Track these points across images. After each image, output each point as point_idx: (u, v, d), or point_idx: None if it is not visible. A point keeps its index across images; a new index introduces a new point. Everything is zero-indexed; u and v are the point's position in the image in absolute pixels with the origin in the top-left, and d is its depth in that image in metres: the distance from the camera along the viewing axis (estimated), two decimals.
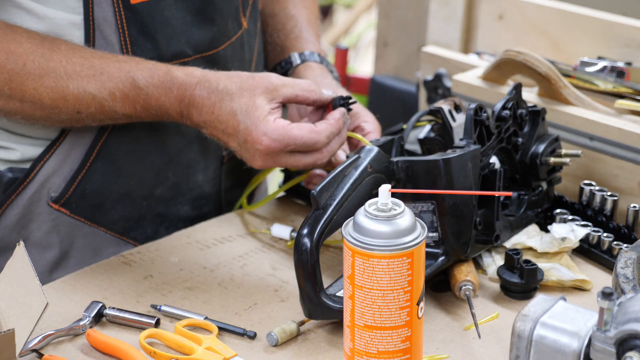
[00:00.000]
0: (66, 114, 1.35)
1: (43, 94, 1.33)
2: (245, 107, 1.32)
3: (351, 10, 4.39)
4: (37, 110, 1.35)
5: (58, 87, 1.33)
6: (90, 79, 1.34)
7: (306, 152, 1.33)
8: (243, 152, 1.34)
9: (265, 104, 1.32)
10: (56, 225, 1.46)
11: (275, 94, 1.33)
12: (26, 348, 1.20)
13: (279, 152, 1.32)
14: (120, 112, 1.35)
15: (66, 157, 1.43)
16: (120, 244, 1.50)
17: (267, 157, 1.32)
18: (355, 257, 1.08)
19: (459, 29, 2.00)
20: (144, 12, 1.38)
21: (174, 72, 1.35)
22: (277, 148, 1.31)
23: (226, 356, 1.19)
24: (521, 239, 1.41)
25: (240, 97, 1.32)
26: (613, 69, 1.57)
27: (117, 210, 1.48)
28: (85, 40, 1.37)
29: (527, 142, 1.44)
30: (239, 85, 1.33)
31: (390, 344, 1.10)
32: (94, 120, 1.37)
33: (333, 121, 1.34)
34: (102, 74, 1.34)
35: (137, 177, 1.48)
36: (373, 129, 1.46)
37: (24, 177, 1.43)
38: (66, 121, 1.37)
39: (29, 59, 1.32)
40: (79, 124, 1.38)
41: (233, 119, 1.32)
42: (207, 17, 1.44)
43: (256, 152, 1.32)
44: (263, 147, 1.31)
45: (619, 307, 1.02)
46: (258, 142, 1.31)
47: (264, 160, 1.33)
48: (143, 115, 1.36)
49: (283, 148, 1.31)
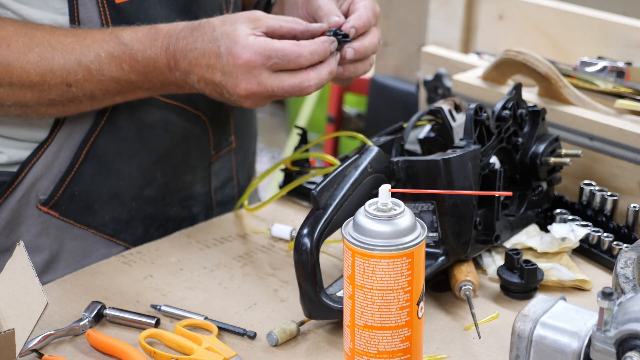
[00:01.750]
0: (56, 90, 1.33)
1: (30, 71, 1.32)
2: (226, 32, 1.28)
3: None
4: (28, 92, 1.33)
5: (44, 59, 1.32)
6: (75, 46, 1.33)
7: (291, 71, 1.28)
8: (227, 79, 1.29)
9: (245, 27, 1.28)
10: (45, 228, 1.45)
11: (258, 23, 1.29)
12: (26, 348, 1.20)
13: (262, 67, 1.26)
14: (108, 75, 1.33)
15: (54, 159, 1.43)
16: (110, 246, 1.49)
17: (250, 75, 1.27)
18: (355, 257, 1.08)
19: (459, 29, 2.00)
20: (129, 12, 1.38)
21: (159, 25, 1.34)
22: (258, 61, 1.26)
23: (226, 356, 1.19)
24: (521, 239, 1.41)
25: (222, 25, 1.29)
26: (613, 69, 1.57)
27: (107, 211, 1.48)
28: None
29: (527, 142, 1.44)
30: (221, 18, 1.31)
31: (390, 344, 1.10)
32: (84, 94, 1.35)
33: (319, 41, 1.29)
34: (86, 38, 1.33)
35: (126, 178, 1.47)
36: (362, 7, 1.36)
37: (11, 180, 1.42)
38: (58, 101, 1.35)
39: (12, 40, 1.32)
40: (72, 105, 1.36)
41: (214, 45, 1.29)
42: (191, 14, 1.44)
43: (238, 71, 1.27)
44: (243, 62, 1.26)
45: (619, 307, 1.02)
46: (238, 57, 1.26)
47: (247, 80, 1.27)
48: (132, 77, 1.34)
49: (265, 61, 1.27)
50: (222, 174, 1.60)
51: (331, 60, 1.31)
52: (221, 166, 1.59)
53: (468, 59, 1.76)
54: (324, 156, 1.49)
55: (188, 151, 1.51)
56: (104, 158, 1.44)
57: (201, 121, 1.52)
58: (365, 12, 1.35)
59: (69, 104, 1.36)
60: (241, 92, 1.29)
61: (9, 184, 1.42)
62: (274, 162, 4.16)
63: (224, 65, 1.28)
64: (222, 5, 1.50)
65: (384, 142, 1.40)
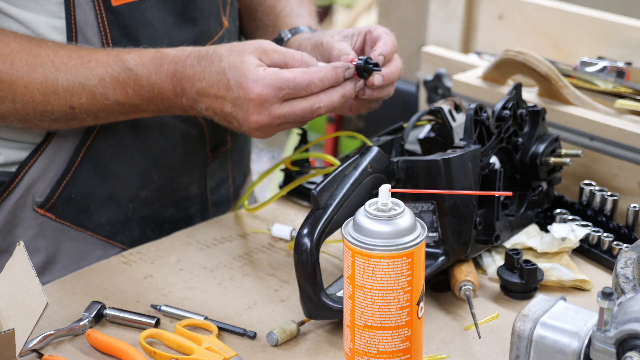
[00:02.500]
0: (59, 110, 1.34)
1: (34, 91, 1.32)
2: (234, 64, 1.28)
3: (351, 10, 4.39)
4: (30, 110, 1.33)
5: (47, 81, 1.32)
6: (79, 68, 1.32)
7: (301, 97, 1.28)
8: (237, 110, 1.29)
9: (253, 59, 1.28)
10: (42, 230, 1.45)
11: (264, 56, 1.30)
12: (26, 348, 1.20)
13: (273, 99, 1.27)
14: (112, 99, 1.33)
15: (51, 162, 1.42)
16: (107, 248, 1.49)
17: (261, 108, 1.27)
18: (355, 257, 1.08)
19: (459, 29, 2.00)
20: (126, 14, 1.37)
21: (164, 49, 1.34)
22: (270, 94, 1.27)
23: (226, 356, 1.19)
24: (521, 239, 1.41)
25: (229, 56, 1.29)
26: (613, 69, 1.57)
27: (103, 213, 1.48)
28: (68, 43, 1.36)
29: (527, 142, 1.44)
30: (228, 48, 1.31)
31: (390, 344, 1.10)
32: (88, 115, 1.35)
33: (330, 67, 1.29)
34: (90, 61, 1.33)
35: (123, 180, 1.47)
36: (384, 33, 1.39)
37: (8, 183, 1.42)
38: (61, 120, 1.35)
39: (16, 58, 1.32)
40: (75, 122, 1.37)
41: (223, 77, 1.29)
42: (188, 17, 1.44)
43: (250, 104, 1.27)
44: (255, 95, 1.26)
45: (619, 307, 1.02)
46: (250, 91, 1.27)
47: (259, 112, 1.27)
48: (137, 101, 1.34)
49: (277, 93, 1.27)
50: (218, 174, 1.60)
51: (346, 85, 1.31)
52: (217, 167, 1.59)
53: (468, 59, 1.76)
54: (324, 156, 1.49)
55: (184, 153, 1.51)
56: (100, 160, 1.44)
57: (198, 123, 1.52)
58: (389, 38, 1.38)
59: (71, 121, 1.37)
60: (252, 125, 1.29)
61: (5, 186, 1.42)
62: (274, 162, 4.16)
63: (235, 98, 1.28)
64: (219, 8, 1.50)
65: (384, 142, 1.40)
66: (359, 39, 1.41)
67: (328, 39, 1.39)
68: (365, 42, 1.40)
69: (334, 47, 1.37)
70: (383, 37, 1.38)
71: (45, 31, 1.35)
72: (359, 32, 1.41)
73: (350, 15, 4.34)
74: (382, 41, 1.37)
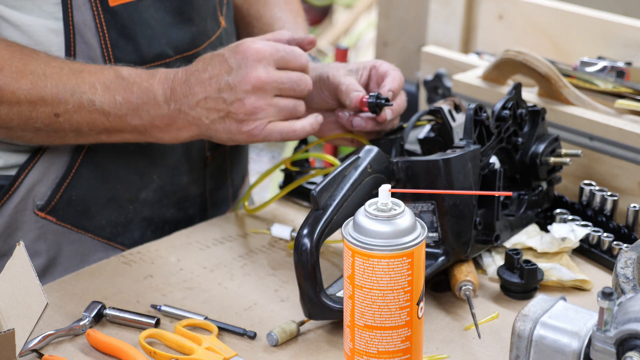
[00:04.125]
0: (43, 119, 1.33)
1: (20, 96, 1.32)
2: (229, 46, 1.32)
3: (351, 10, 4.39)
4: (14, 116, 1.33)
5: (35, 87, 1.32)
6: (70, 76, 1.33)
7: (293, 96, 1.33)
8: (235, 75, 1.29)
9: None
10: (43, 233, 1.45)
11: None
12: (26, 348, 1.20)
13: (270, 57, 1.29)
14: (99, 106, 1.32)
15: (51, 165, 1.42)
16: (107, 249, 1.49)
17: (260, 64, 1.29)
18: (355, 257, 1.08)
19: (459, 29, 2.00)
20: (123, 15, 1.38)
21: (158, 68, 1.36)
22: (268, 51, 1.29)
23: (226, 356, 1.19)
24: (521, 239, 1.41)
25: (224, 48, 1.33)
26: (613, 69, 1.57)
27: (104, 215, 1.48)
28: (66, 45, 1.36)
29: (527, 142, 1.44)
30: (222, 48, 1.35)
31: (390, 344, 1.10)
32: (70, 126, 1.34)
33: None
34: (83, 71, 1.33)
35: (123, 181, 1.47)
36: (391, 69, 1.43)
37: (8, 186, 1.42)
38: (43, 131, 1.35)
39: (6, 64, 1.31)
40: (57, 137, 1.36)
41: (218, 56, 1.31)
42: (186, 17, 1.44)
43: (248, 60, 1.29)
44: (254, 51, 1.29)
45: (619, 307, 1.02)
46: (248, 47, 1.29)
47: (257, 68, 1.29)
48: (123, 110, 1.33)
49: (273, 53, 1.29)
50: (217, 175, 1.60)
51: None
52: (216, 167, 1.59)
53: (468, 59, 1.76)
54: (324, 156, 1.49)
55: (184, 153, 1.52)
56: (100, 162, 1.44)
57: None
58: (397, 74, 1.42)
59: (54, 134, 1.36)
60: (252, 81, 1.29)
61: (5, 190, 1.42)
62: (274, 162, 4.16)
63: (232, 64, 1.30)
64: (215, 7, 1.51)
65: (383, 142, 1.40)
66: (364, 73, 1.44)
67: (334, 72, 1.42)
68: (371, 77, 1.44)
69: (341, 82, 1.40)
70: (390, 73, 1.42)
71: (42, 34, 1.35)
72: (363, 66, 1.44)
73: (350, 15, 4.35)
74: (390, 77, 1.41)
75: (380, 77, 1.43)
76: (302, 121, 1.34)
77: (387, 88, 1.40)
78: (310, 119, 1.35)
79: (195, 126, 1.34)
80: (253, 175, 2.14)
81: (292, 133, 1.33)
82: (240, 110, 1.30)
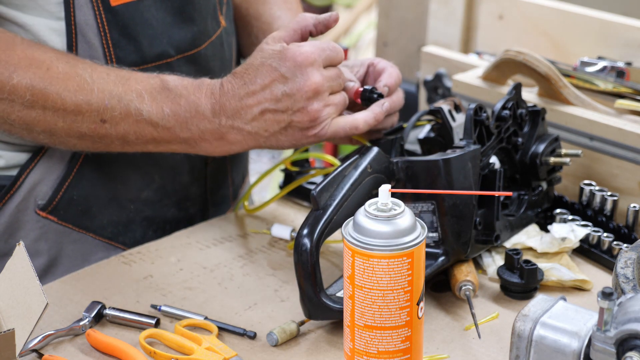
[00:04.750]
0: (89, 123, 1.32)
1: (66, 99, 1.30)
2: (268, 54, 1.30)
3: (351, 10, 4.39)
4: (59, 120, 1.32)
5: (82, 90, 1.30)
6: (117, 83, 1.32)
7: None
8: (291, 83, 1.29)
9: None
10: (44, 233, 1.45)
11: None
12: (26, 348, 1.20)
13: (319, 59, 1.29)
14: (146, 116, 1.31)
15: (52, 164, 1.42)
16: (109, 249, 1.49)
17: (312, 68, 1.28)
18: (355, 257, 1.08)
19: (459, 29, 2.00)
20: (125, 14, 1.37)
21: (203, 78, 1.35)
22: (316, 53, 1.28)
23: (226, 356, 1.19)
24: (521, 239, 1.41)
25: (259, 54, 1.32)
26: (613, 69, 1.57)
27: (105, 215, 1.47)
28: (68, 44, 1.36)
29: (527, 142, 1.44)
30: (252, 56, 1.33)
31: (390, 344, 1.10)
32: (117, 133, 1.33)
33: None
34: (129, 79, 1.33)
35: (124, 181, 1.47)
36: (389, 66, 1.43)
37: (10, 186, 1.42)
38: (88, 136, 1.33)
39: (53, 64, 1.30)
40: (101, 143, 1.35)
41: (265, 66, 1.30)
42: (187, 16, 1.44)
43: (301, 67, 1.28)
44: (304, 57, 1.28)
45: (619, 307, 1.02)
46: (297, 53, 1.28)
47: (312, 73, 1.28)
48: (171, 122, 1.32)
49: (320, 53, 1.29)
50: (217, 174, 1.60)
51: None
52: (216, 167, 1.59)
53: (468, 59, 1.76)
54: (324, 156, 1.49)
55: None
56: (102, 162, 1.44)
57: None
58: (394, 71, 1.42)
59: (99, 140, 1.35)
60: (312, 86, 1.28)
61: (7, 189, 1.42)
62: (274, 162, 4.16)
63: (284, 72, 1.29)
64: (215, 7, 1.51)
65: (383, 142, 1.40)
66: (362, 69, 1.44)
67: None
68: (368, 73, 1.44)
69: None
70: (388, 69, 1.42)
71: (44, 34, 1.35)
72: (361, 63, 1.44)
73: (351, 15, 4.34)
74: (387, 73, 1.41)
75: (377, 73, 1.43)
76: (361, 114, 1.34)
77: (383, 83, 1.40)
78: (369, 112, 1.35)
79: (251, 140, 1.33)
80: (253, 175, 2.14)
81: (355, 129, 1.33)
82: (305, 118, 1.30)
